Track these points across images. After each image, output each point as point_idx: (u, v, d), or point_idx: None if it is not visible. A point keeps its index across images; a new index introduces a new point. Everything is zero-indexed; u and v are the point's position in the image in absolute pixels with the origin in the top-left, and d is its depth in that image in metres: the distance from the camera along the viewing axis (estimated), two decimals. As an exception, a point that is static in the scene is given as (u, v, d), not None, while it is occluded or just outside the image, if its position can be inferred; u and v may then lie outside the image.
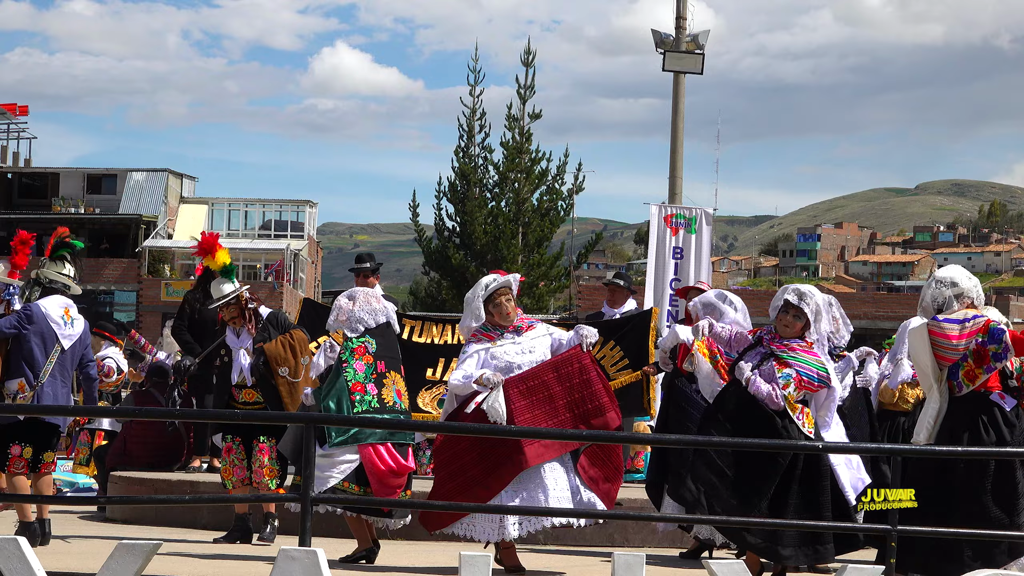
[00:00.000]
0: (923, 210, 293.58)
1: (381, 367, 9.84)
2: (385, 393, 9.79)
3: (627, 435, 9.89)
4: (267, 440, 10.79)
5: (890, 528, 8.04)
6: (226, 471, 10.95)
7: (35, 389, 10.40)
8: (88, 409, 14.49)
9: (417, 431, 9.09)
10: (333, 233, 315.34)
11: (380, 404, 9.73)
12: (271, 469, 10.81)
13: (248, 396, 10.96)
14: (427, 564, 9.89)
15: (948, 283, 9.22)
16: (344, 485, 9.62)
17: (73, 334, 10.60)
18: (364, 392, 9.74)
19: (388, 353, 9.95)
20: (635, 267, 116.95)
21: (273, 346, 10.76)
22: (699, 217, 17.02)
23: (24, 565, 6.86)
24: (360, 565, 9.73)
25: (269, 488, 10.71)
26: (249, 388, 10.94)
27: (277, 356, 10.70)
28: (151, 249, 63.68)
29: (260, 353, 10.73)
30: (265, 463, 10.80)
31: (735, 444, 8.95)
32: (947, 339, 9.00)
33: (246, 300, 11.03)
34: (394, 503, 9.74)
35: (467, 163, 44.07)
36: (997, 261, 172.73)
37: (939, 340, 9.02)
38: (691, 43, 23.43)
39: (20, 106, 69.18)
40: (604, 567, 9.81)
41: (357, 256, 13.89)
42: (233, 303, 10.98)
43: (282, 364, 10.70)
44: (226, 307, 10.98)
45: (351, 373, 9.76)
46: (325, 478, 9.63)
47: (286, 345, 10.77)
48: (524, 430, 8.98)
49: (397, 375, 9.98)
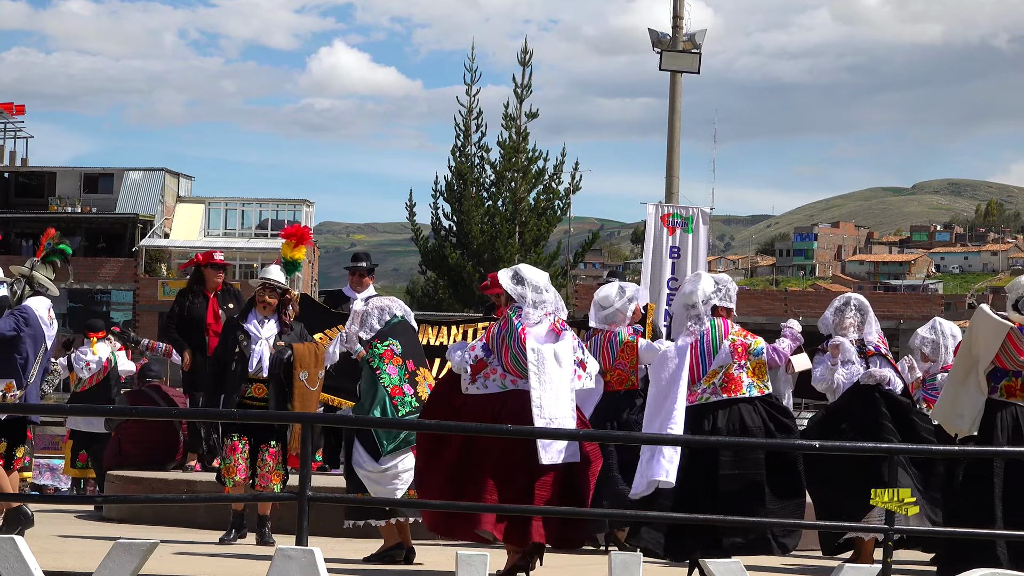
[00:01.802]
0: (920, 209, 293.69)
1: (411, 366, 9.95)
2: (420, 391, 9.88)
3: (627, 435, 9.86)
4: (276, 444, 10.73)
5: (890, 528, 8.04)
6: (228, 469, 10.81)
7: (24, 389, 10.40)
8: (88, 409, 14.57)
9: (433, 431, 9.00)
10: (330, 232, 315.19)
11: (419, 402, 9.80)
12: (278, 473, 10.73)
13: (257, 391, 10.82)
14: (427, 564, 9.88)
15: None
16: (409, 493, 9.70)
17: (52, 334, 10.68)
18: (403, 394, 9.82)
19: (414, 351, 10.07)
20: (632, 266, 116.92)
21: (303, 348, 10.82)
22: (696, 216, 17.03)
23: (21, 564, 6.86)
24: (359, 565, 9.72)
25: (274, 492, 10.67)
26: (260, 383, 10.82)
27: (303, 359, 10.75)
28: (148, 248, 63.63)
29: (289, 350, 10.74)
30: (272, 467, 10.71)
31: (732, 444, 8.95)
32: (1017, 352, 9.09)
33: (292, 297, 11.03)
34: (398, 503, 9.73)
35: (464, 162, 44.10)
36: (994, 260, 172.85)
37: (1011, 347, 9.10)
38: (688, 42, 23.44)
39: (17, 105, 69.10)
40: (603, 567, 9.80)
41: (354, 255, 13.86)
42: (280, 292, 10.92)
43: (305, 368, 10.72)
44: (269, 291, 10.92)
45: (386, 379, 9.83)
46: (391, 490, 9.75)
47: (313, 352, 10.82)
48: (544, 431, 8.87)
49: (426, 371, 10.13)
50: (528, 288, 9.02)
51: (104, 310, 58.93)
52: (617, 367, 10.40)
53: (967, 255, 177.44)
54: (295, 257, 11.06)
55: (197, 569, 9.21)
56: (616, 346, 10.42)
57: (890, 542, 7.99)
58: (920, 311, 55.86)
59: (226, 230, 67.62)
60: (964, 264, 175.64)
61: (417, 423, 9.31)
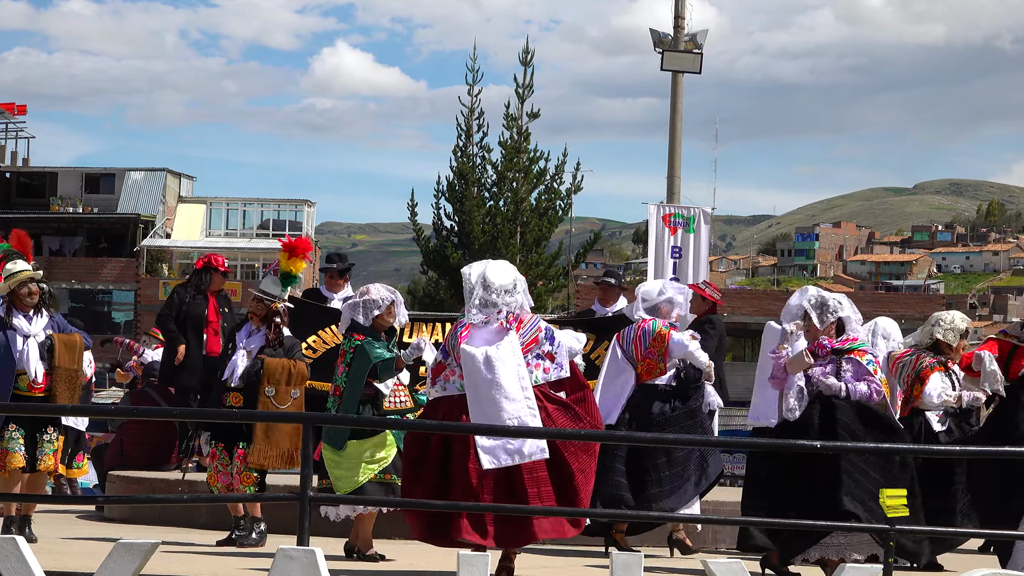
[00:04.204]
0: (921, 209, 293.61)
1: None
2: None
3: (627, 435, 9.87)
4: (246, 446, 10.59)
5: (889, 528, 8.04)
6: (211, 477, 10.78)
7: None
8: (88, 409, 14.55)
9: (418, 430, 9.00)
10: (331, 232, 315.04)
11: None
12: (247, 475, 10.60)
13: (234, 399, 10.72)
14: (427, 564, 9.89)
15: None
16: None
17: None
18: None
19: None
20: (633, 266, 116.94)
21: (273, 363, 10.63)
22: (697, 216, 17.04)
23: (22, 564, 6.86)
24: (360, 565, 9.72)
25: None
26: (237, 392, 10.72)
27: (272, 374, 10.59)
28: (149, 248, 63.64)
29: (259, 363, 10.66)
30: (243, 470, 10.61)
31: (732, 443, 8.95)
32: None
33: (277, 310, 10.85)
34: (394, 503, 9.73)
35: (465, 162, 44.08)
36: (995, 260, 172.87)
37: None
38: (689, 42, 23.46)
39: (19, 105, 69.08)
40: (602, 567, 9.81)
41: (327, 255, 13.68)
42: (267, 303, 10.84)
43: (272, 384, 10.58)
44: (256, 303, 10.90)
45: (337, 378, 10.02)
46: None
47: (285, 369, 10.64)
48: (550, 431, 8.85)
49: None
50: (478, 287, 9.02)
51: (105, 310, 58.95)
52: (647, 357, 10.60)
53: (968, 255, 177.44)
54: (290, 268, 11.01)
55: (197, 569, 9.21)
56: (648, 336, 10.67)
57: (891, 543, 8.00)
58: (921, 311, 55.80)
59: (227, 230, 67.63)
60: (965, 264, 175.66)
61: (411, 423, 9.33)
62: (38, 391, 10.44)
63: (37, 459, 10.51)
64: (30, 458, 10.48)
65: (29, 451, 10.46)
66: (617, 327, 13.50)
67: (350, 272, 13.48)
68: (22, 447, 10.39)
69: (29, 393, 10.42)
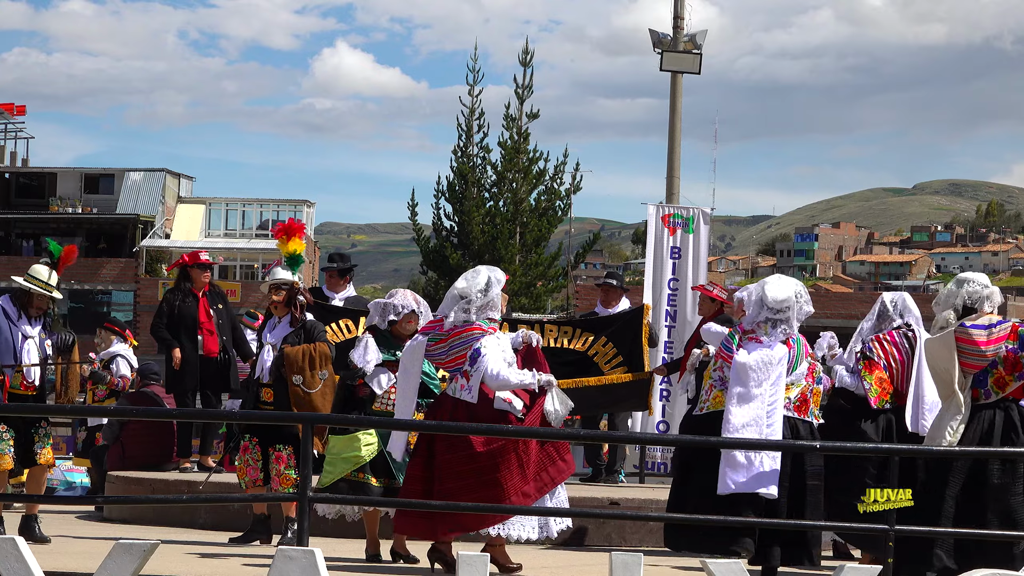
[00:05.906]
0: (921, 210, 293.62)
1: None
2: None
3: (625, 435, 9.87)
4: (283, 448, 10.59)
5: (889, 528, 8.04)
6: (240, 470, 10.77)
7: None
8: (88, 409, 14.54)
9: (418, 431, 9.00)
10: (331, 233, 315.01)
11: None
12: (288, 477, 10.54)
13: (266, 395, 10.74)
14: (427, 563, 9.88)
15: (980, 283, 9.21)
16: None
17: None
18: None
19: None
20: (632, 267, 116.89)
21: (293, 351, 10.58)
22: (696, 217, 16.99)
23: (22, 565, 6.86)
24: (360, 565, 9.72)
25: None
26: (268, 387, 10.72)
27: (294, 363, 10.55)
28: (148, 249, 63.62)
29: (280, 354, 10.64)
30: (282, 471, 10.58)
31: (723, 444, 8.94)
32: (975, 345, 8.94)
33: (297, 288, 10.85)
34: (395, 503, 9.72)
35: (465, 163, 44.10)
36: (995, 261, 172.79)
37: (967, 347, 8.96)
38: (688, 43, 23.47)
39: (18, 106, 69.08)
40: (602, 567, 9.80)
41: (329, 255, 13.62)
42: (285, 289, 10.81)
43: (296, 372, 10.53)
44: (276, 291, 10.84)
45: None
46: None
47: (305, 354, 10.57)
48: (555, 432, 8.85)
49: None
50: (454, 291, 9.26)
51: (105, 311, 58.92)
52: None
53: (968, 255, 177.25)
54: (294, 250, 10.97)
55: (197, 569, 9.21)
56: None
57: (891, 542, 8.00)
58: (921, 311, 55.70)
59: (227, 231, 67.63)
60: (965, 264, 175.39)
61: (414, 423, 9.33)
62: (30, 390, 10.54)
63: (36, 454, 10.55)
64: (27, 455, 10.52)
65: (25, 449, 10.51)
66: (617, 325, 13.55)
67: (352, 272, 13.48)
68: (11, 448, 10.45)
69: (22, 392, 10.51)
